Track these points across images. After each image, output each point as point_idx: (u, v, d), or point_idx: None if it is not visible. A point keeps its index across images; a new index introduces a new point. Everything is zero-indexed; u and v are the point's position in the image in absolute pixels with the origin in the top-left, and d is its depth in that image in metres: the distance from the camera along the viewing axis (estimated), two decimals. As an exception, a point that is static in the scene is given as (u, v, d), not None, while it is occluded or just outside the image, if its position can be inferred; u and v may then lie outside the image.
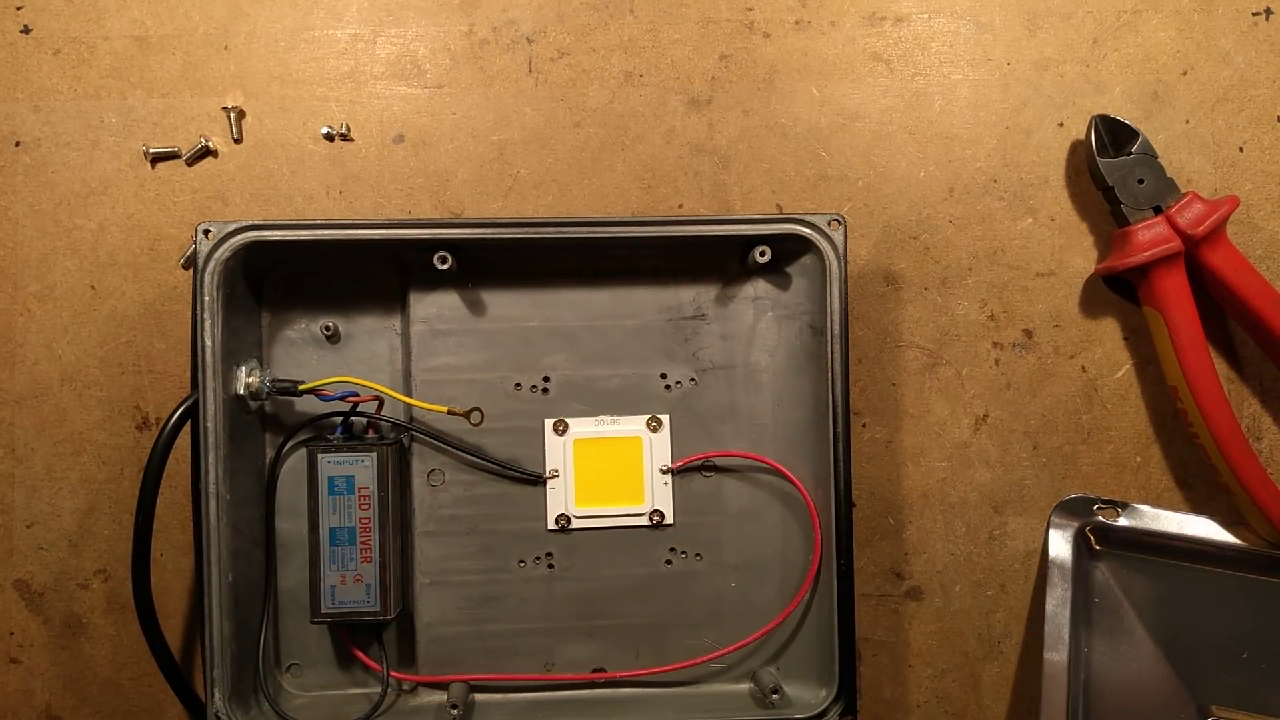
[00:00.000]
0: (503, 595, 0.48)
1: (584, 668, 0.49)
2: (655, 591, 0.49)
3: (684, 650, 0.49)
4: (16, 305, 0.50)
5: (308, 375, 0.47)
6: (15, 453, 0.50)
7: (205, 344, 0.43)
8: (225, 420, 0.43)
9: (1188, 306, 0.48)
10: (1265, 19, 0.52)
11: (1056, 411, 0.51)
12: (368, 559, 0.46)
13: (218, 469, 0.43)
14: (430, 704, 0.48)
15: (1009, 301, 0.51)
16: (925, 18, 0.52)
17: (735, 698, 0.48)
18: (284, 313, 0.48)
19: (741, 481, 0.49)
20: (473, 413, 0.46)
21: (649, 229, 0.46)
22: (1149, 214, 0.49)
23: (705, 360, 0.49)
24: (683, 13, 0.51)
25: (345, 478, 0.46)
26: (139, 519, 0.44)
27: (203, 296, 0.43)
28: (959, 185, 0.51)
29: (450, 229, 0.45)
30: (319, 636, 0.48)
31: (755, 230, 0.46)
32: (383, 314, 0.49)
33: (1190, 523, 0.50)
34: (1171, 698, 0.48)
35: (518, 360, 0.48)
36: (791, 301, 0.49)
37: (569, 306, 0.49)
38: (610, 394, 0.49)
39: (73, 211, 0.50)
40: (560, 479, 0.48)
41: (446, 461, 0.48)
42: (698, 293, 0.49)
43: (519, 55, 0.51)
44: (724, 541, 0.49)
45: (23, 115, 0.50)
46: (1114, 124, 0.50)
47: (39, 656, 0.50)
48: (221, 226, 0.44)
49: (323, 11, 0.51)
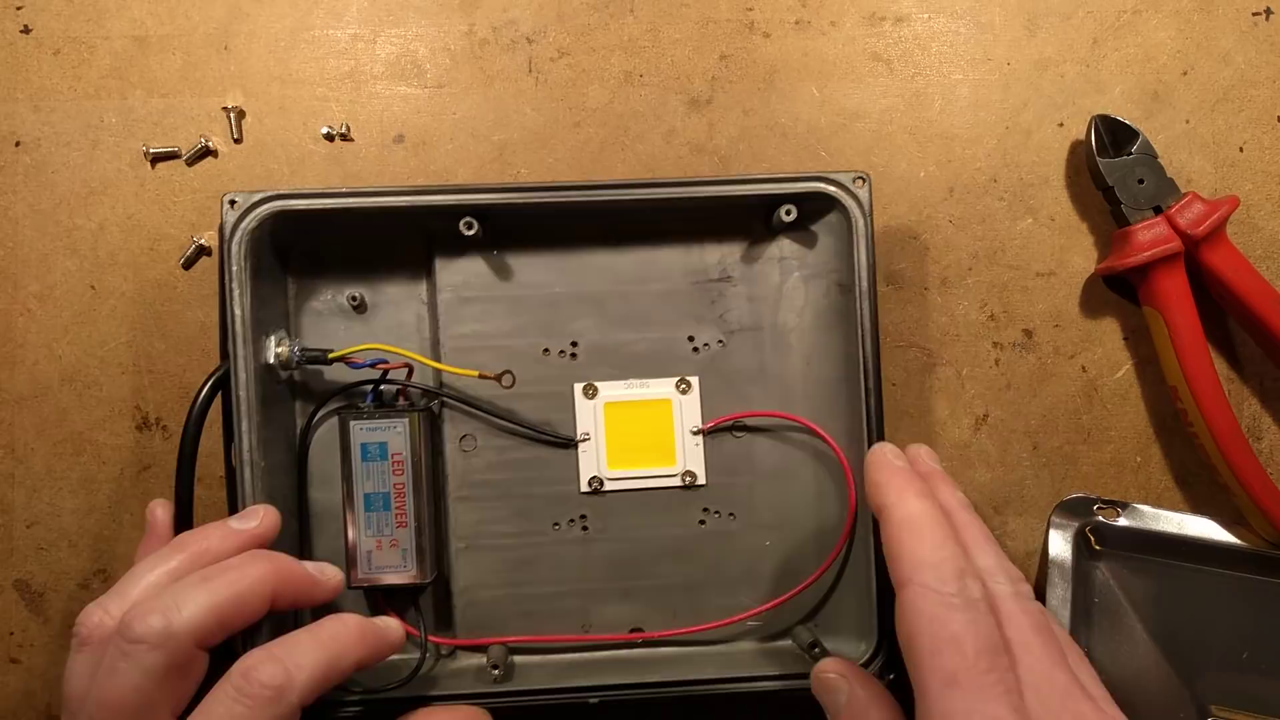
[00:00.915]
0: (538, 558, 0.48)
1: (621, 628, 0.49)
2: (690, 552, 0.49)
3: (720, 609, 0.48)
4: (16, 305, 0.50)
5: (335, 345, 0.47)
6: (15, 453, 0.50)
7: (235, 313, 0.43)
8: (257, 388, 0.44)
9: (1188, 307, 0.48)
10: (1265, 19, 0.52)
11: (1056, 411, 0.51)
12: (403, 524, 0.46)
13: (251, 437, 0.43)
14: (469, 667, 0.48)
15: (1009, 301, 0.51)
16: (925, 18, 0.52)
17: (774, 654, 0.48)
18: (310, 284, 0.48)
19: (773, 441, 0.49)
20: (504, 375, 0.46)
21: (675, 190, 0.46)
22: (1149, 214, 0.49)
23: (733, 322, 0.49)
24: (683, 13, 0.51)
25: (378, 444, 0.46)
26: (178, 489, 0.44)
27: (230, 266, 0.43)
28: (959, 185, 0.51)
29: (477, 194, 0.45)
30: (356, 604, 0.48)
31: (781, 189, 0.46)
32: (409, 283, 0.49)
33: (1190, 523, 0.50)
34: (1171, 698, 0.48)
35: (545, 326, 0.49)
36: (818, 261, 0.49)
37: (595, 272, 0.49)
38: (638, 357, 0.49)
39: (73, 211, 0.50)
40: (591, 442, 0.48)
41: (478, 427, 0.48)
42: (723, 255, 0.49)
43: (519, 55, 0.51)
44: (757, 501, 0.49)
45: (23, 115, 0.50)
46: (1114, 124, 0.50)
47: (39, 657, 0.50)
48: (247, 197, 0.44)
49: (323, 11, 0.51)
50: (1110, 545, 0.50)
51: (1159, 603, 0.49)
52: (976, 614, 0.33)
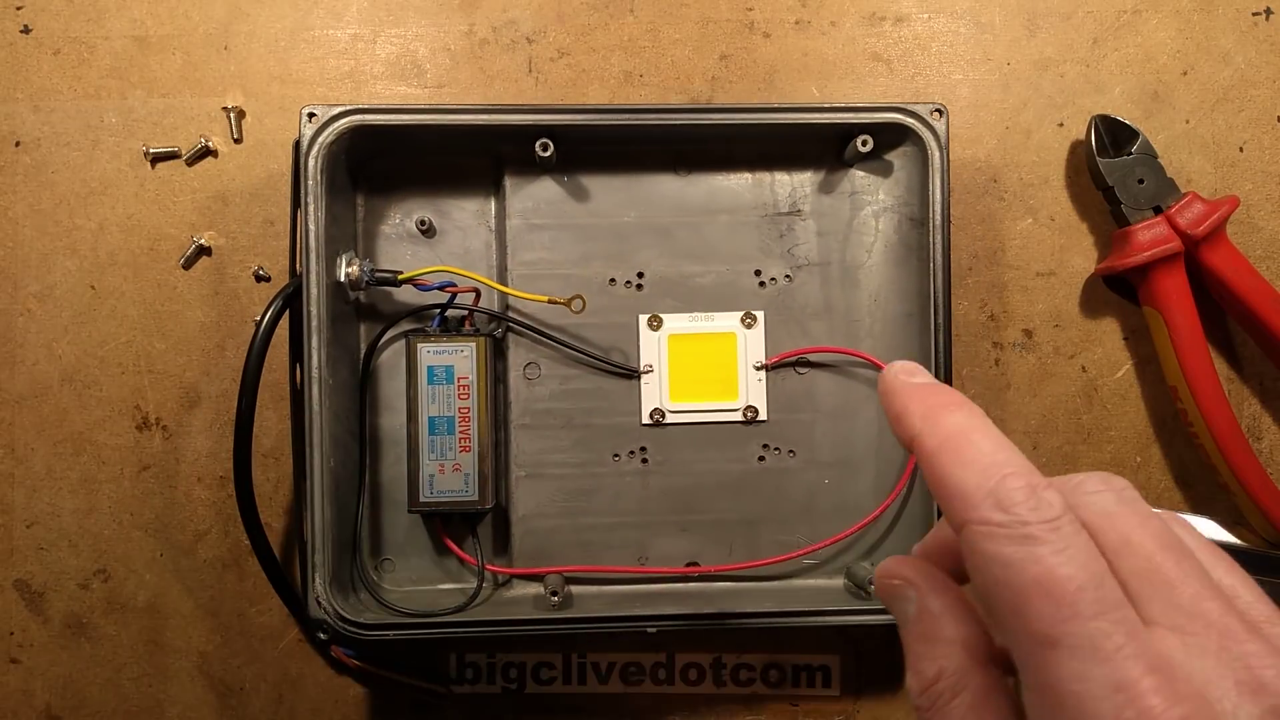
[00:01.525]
0: (597, 489, 0.49)
1: (678, 562, 0.49)
2: (748, 487, 0.49)
3: (777, 545, 0.49)
4: (17, 305, 0.50)
5: (402, 269, 0.47)
6: (15, 453, 0.50)
7: (309, 228, 0.44)
8: (328, 304, 0.44)
9: (1188, 307, 0.48)
10: (1265, 19, 0.52)
11: (1056, 411, 0.51)
12: (466, 449, 0.46)
13: (320, 353, 0.44)
14: (525, 596, 0.48)
15: (1009, 301, 0.51)
16: (925, 18, 0.52)
17: (829, 592, 0.49)
18: (379, 207, 0.49)
19: (836, 378, 0.49)
20: (574, 300, 0.46)
21: (751, 115, 0.46)
22: (1149, 214, 0.49)
23: (800, 257, 0.49)
24: (683, 13, 0.51)
25: (445, 367, 0.46)
26: (241, 405, 0.43)
27: (306, 181, 0.44)
28: (959, 185, 0.51)
29: (553, 115, 0.45)
30: (412, 531, 0.49)
31: (857, 118, 0.46)
32: (477, 209, 0.49)
33: (1194, 523, 0.49)
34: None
35: (612, 255, 0.49)
36: (890, 195, 0.49)
37: (664, 201, 0.49)
38: (704, 290, 0.49)
39: (73, 211, 0.50)
40: (654, 374, 0.49)
41: (542, 355, 0.49)
42: (794, 188, 0.49)
43: (519, 55, 0.51)
44: (817, 438, 0.49)
45: (23, 115, 0.50)
46: (1114, 124, 0.50)
47: (39, 656, 0.50)
48: (326, 110, 0.44)
49: (323, 11, 0.51)
50: None
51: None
52: (1064, 540, 0.23)
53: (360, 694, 0.50)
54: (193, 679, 0.50)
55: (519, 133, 0.46)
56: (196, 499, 0.50)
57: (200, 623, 0.50)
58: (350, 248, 0.48)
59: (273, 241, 0.50)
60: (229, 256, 0.50)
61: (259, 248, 0.50)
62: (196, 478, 0.50)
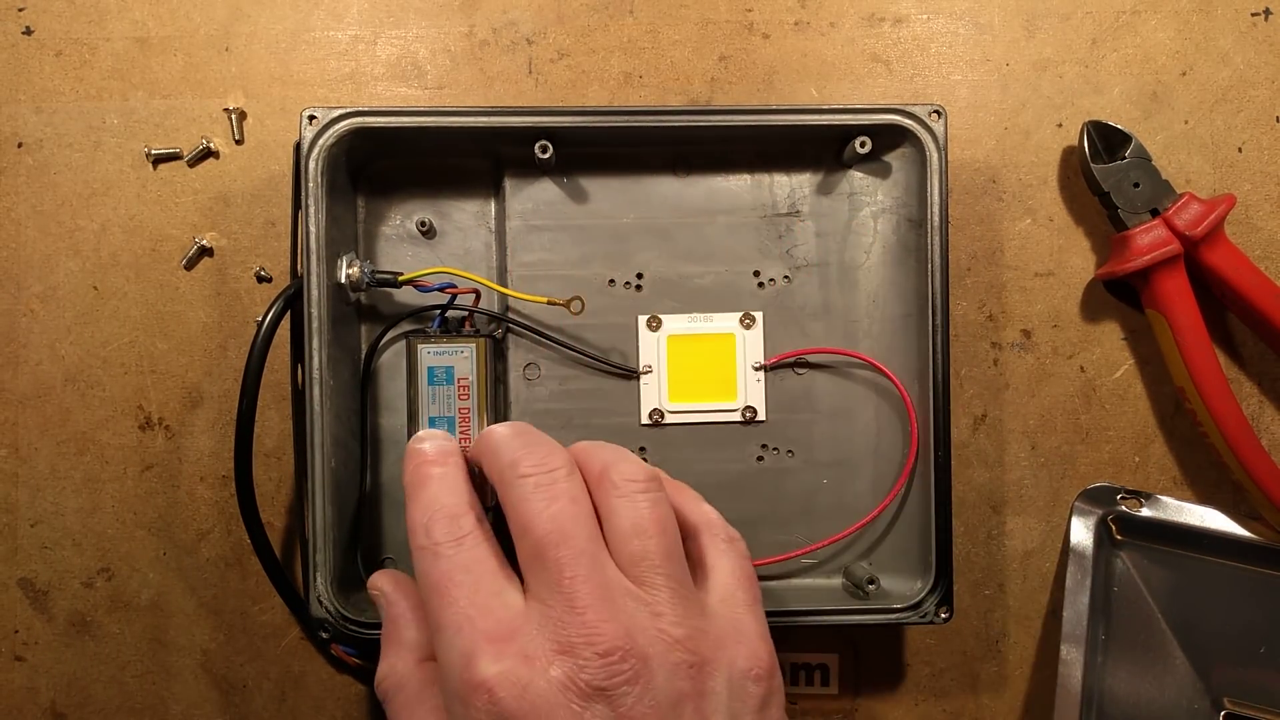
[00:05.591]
0: None
1: None
2: (747, 487, 0.49)
3: (776, 545, 0.49)
4: (20, 306, 0.50)
5: (402, 271, 0.47)
6: (19, 452, 0.50)
7: (310, 230, 0.44)
8: (329, 305, 0.44)
9: (1190, 308, 0.48)
10: (1265, 19, 0.52)
11: (1055, 412, 0.52)
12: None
13: (321, 354, 0.44)
14: None
15: (1008, 302, 0.52)
16: (924, 18, 0.52)
17: (828, 591, 0.49)
18: (379, 208, 0.49)
19: (834, 379, 0.50)
20: (573, 301, 0.47)
21: (749, 117, 0.46)
22: (1146, 217, 0.49)
23: (799, 258, 0.49)
24: (682, 14, 0.52)
25: (445, 368, 0.46)
26: (242, 405, 0.44)
27: (306, 183, 0.44)
28: (958, 185, 0.51)
29: (552, 116, 0.45)
30: None
31: (855, 120, 0.46)
32: (477, 210, 0.49)
33: (1211, 516, 0.50)
34: (1186, 688, 0.49)
35: (611, 256, 0.49)
36: (888, 196, 0.49)
37: (663, 203, 0.49)
38: (703, 291, 0.49)
39: (75, 212, 0.50)
40: (654, 374, 0.49)
41: (542, 356, 0.49)
42: (793, 189, 0.49)
43: (519, 56, 0.51)
44: (816, 438, 0.49)
45: (25, 117, 0.50)
46: (1106, 129, 0.50)
47: (43, 654, 0.50)
48: (326, 112, 0.44)
49: (323, 13, 0.51)
50: (1132, 535, 0.50)
51: (1178, 594, 0.49)
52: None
53: (361, 692, 0.50)
54: (196, 676, 0.50)
55: (519, 134, 0.46)
56: (199, 498, 0.50)
57: (203, 621, 0.50)
58: (351, 249, 0.48)
59: (274, 242, 0.50)
60: (231, 257, 0.50)
61: (261, 248, 0.50)
62: (199, 477, 0.50)
